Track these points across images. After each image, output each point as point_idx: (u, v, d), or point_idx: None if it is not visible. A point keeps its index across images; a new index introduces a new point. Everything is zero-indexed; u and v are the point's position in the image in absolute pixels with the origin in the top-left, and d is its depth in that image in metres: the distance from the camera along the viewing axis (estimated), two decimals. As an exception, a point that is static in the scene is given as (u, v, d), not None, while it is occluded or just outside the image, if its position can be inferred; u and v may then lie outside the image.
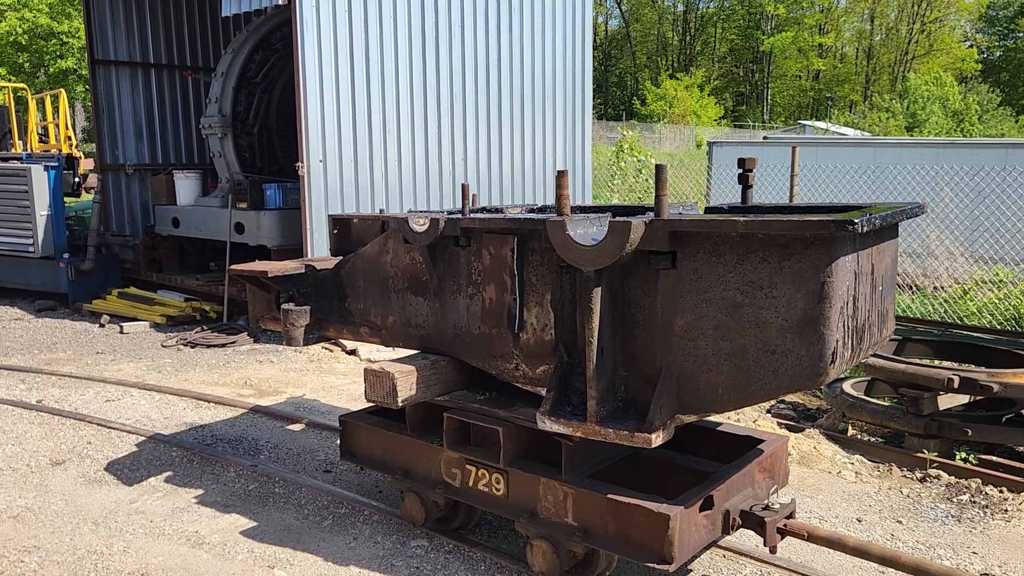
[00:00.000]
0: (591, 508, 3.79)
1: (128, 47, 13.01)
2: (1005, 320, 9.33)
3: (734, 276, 3.31)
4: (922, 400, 6.09)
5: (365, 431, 4.85)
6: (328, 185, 9.51)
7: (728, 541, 4.37)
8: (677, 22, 71.89)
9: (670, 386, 3.52)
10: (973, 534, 4.80)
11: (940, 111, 42.79)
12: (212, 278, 11.52)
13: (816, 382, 3.27)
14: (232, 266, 5.11)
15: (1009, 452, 6.37)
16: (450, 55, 10.53)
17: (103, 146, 12.98)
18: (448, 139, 10.66)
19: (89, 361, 8.90)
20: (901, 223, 3.87)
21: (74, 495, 5.29)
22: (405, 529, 4.69)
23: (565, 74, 12.00)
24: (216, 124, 11.15)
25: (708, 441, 4.48)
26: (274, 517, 4.95)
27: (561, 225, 3.52)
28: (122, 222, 13.24)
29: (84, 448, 6.12)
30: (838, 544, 3.80)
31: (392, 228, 4.50)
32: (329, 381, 8.03)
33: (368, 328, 4.72)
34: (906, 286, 11.17)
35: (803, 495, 5.28)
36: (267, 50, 11.40)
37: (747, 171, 4.18)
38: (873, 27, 66.64)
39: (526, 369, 4.03)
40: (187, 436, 6.38)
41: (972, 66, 60.52)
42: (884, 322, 3.83)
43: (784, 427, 6.59)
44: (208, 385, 7.89)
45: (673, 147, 42.61)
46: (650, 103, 53.48)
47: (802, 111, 66.52)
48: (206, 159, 12.77)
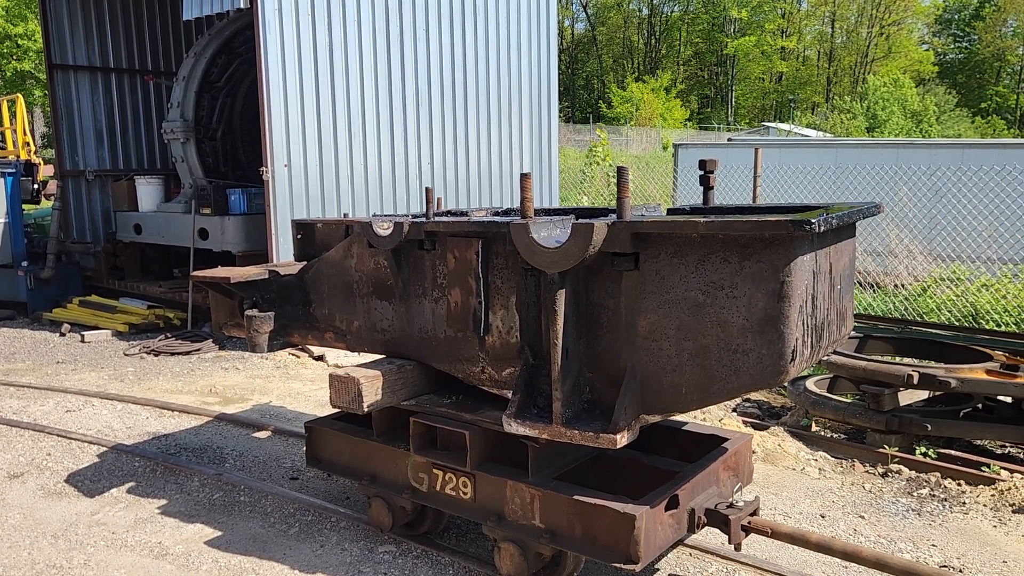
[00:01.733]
0: (558, 510, 3.81)
1: (87, 51, 12.80)
2: (963, 316, 9.53)
3: (696, 276, 3.35)
4: (883, 396, 6.20)
5: (331, 437, 4.82)
6: (293, 190, 9.43)
7: (694, 539, 4.41)
8: (642, 25, 72.43)
9: (634, 387, 3.54)
10: (933, 527, 4.90)
11: (899, 112, 43.62)
12: (176, 285, 11.36)
13: (777, 380, 3.32)
14: (194, 272, 5.05)
15: (967, 446, 6.51)
16: (415, 58, 10.51)
17: (63, 152, 12.75)
18: (414, 143, 10.64)
19: (49, 371, 8.73)
20: (861, 223, 3.94)
21: (32, 508, 5.18)
22: (372, 535, 4.67)
23: (531, 77, 12.04)
24: (178, 129, 11.02)
25: (673, 440, 4.52)
26: (240, 526, 4.89)
27: (525, 228, 3.53)
28: (83, 229, 13.02)
29: (43, 460, 6.00)
30: (801, 540, 3.85)
31: (356, 232, 4.48)
32: (296, 387, 7.96)
33: (333, 333, 4.69)
34: (867, 284, 11.36)
35: (768, 492, 5.35)
36: (230, 54, 11.30)
37: (708, 173, 4.22)
38: (834, 30, 67.76)
39: (492, 372, 4.03)
40: (150, 446, 6.28)
41: (929, 68, 61.85)
42: (843, 320, 3.90)
43: (749, 425, 6.67)
44: (172, 393, 7.78)
45: (640, 150, 42.88)
46: (616, 106, 53.81)
47: (766, 113, 67.40)
48: (168, 164, 12.61)
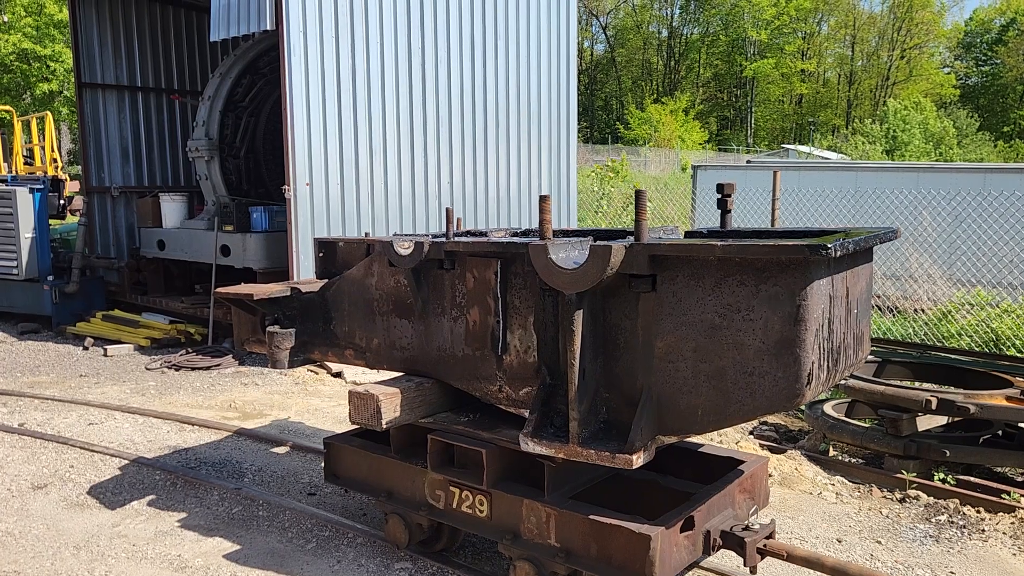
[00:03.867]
0: (573, 529, 3.83)
1: (115, 70, 13.09)
2: (983, 342, 9.46)
3: (712, 299, 3.38)
4: (901, 421, 6.16)
5: (349, 453, 4.87)
6: (314, 208, 9.56)
7: (709, 562, 4.41)
8: (661, 47, 72.76)
9: (651, 407, 3.57)
10: (951, 554, 4.86)
11: (920, 136, 43.44)
12: (197, 301, 11.50)
13: (793, 403, 3.33)
14: (218, 289, 5.14)
15: (987, 473, 6.44)
16: (436, 79, 10.65)
17: (89, 168, 13.00)
18: (434, 163, 10.76)
19: (72, 384, 8.86)
20: (879, 247, 3.96)
21: (56, 519, 5.26)
22: (389, 551, 4.70)
23: (551, 98, 12.15)
24: (203, 147, 11.20)
25: (689, 462, 4.53)
26: (258, 540, 4.94)
27: (543, 249, 3.58)
28: (107, 244, 13.24)
29: (66, 472, 6.10)
30: (817, 564, 3.84)
31: (377, 251, 4.55)
32: (314, 404, 8.03)
33: (353, 350, 4.75)
34: (887, 308, 11.31)
35: (784, 516, 5.33)
36: (254, 74, 11.50)
37: (725, 196, 4.27)
38: (854, 53, 67.72)
39: (509, 391, 4.07)
40: (171, 459, 6.36)
41: (950, 91, 61.58)
42: (860, 344, 3.91)
43: (766, 448, 6.65)
44: (192, 408, 7.87)
45: (658, 171, 42.95)
46: (634, 127, 53.98)
47: (785, 135, 67.30)
48: (192, 182, 12.82)
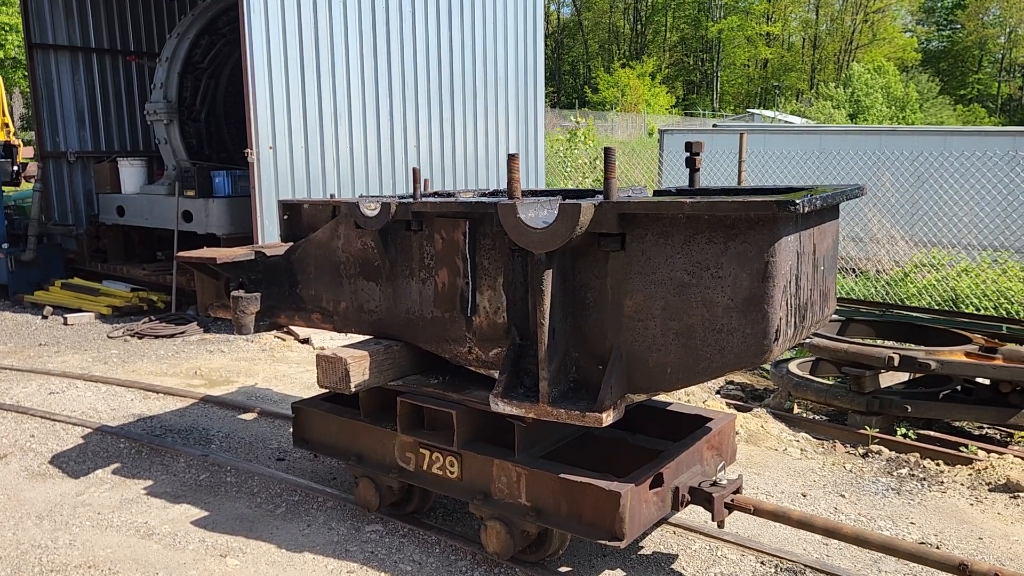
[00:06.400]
0: (544, 488, 3.85)
1: (68, 31, 12.63)
2: (943, 300, 9.65)
3: (681, 257, 3.38)
4: (864, 378, 6.28)
5: (318, 417, 4.83)
6: (278, 172, 9.38)
7: (678, 518, 4.47)
8: (628, 11, 72.26)
9: (620, 366, 3.58)
10: (912, 505, 4.99)
11: (883, 99, 43.82)
12: (159, 268, 11.29)
13: (761, 359, 3.36)
14: (180, 253, 5.03)
15: (946, 427, 6.62)
16: (401, 41, 10.45)
17: (43, 133, 12.60)
18: (400, 125, 10.60)
19: (31, 353, 8.67)
20: (844, 209, 3.99)
21: (16, 489, 5.17)
22: (359, 515, 4.69)
23: (517, 61, 12.01)
24: (161, 110, 10.91)
25: (658, 420, 4.57)
26: (226, 506, 4.90)
27: (512, 208, 3.54)
28: (65, 211, 12.89)
29: (27, 441, 5.98)
30: (783, 517, 3.91)
31: (343, 213, 4.48)
32: (281, 370, 7.96)
33: (320, 314, 4.69)
34: (849, 270, 11.47)
35: (751, 472, 5.41)
36: (213, 35, 11.18)
37: (694, 155, 4.25)
38: (819, 17, 67.86)
39: (479, 352, 4.05)
40: (135, 427, 6.27)
41: (912, 55, 62.08)
42: (826, 301, 3.95)
43: (733, 407, 6.74)
44: (157, 376, 7.76)
45: (625, 135, 42.90)
46: (602, 91, 53.74)
47: (751, 100, 67.49)
48: (151, 146, 12.50)
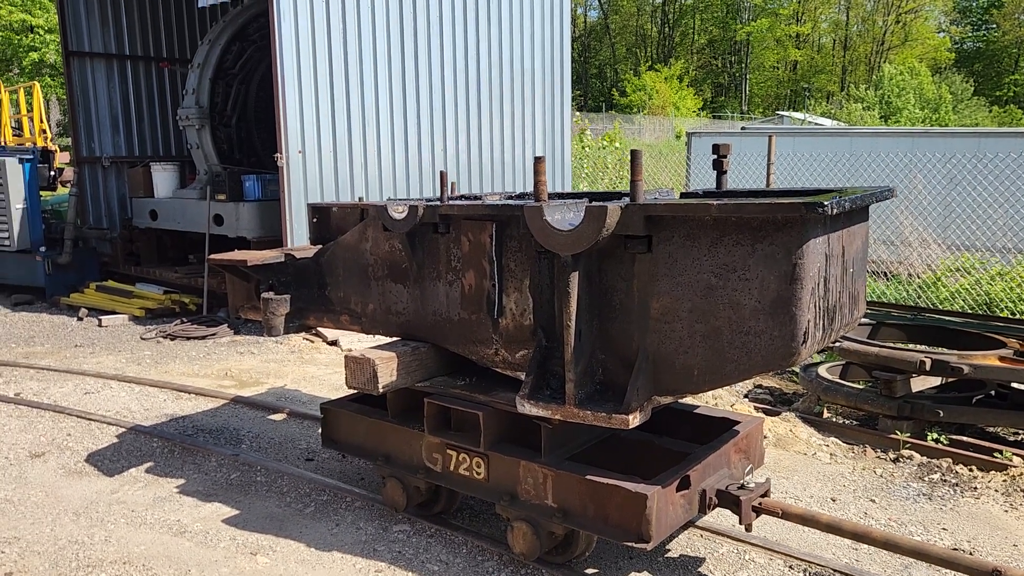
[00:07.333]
0: (570, 489, 3.85)
1: (103, 39, 12.89)
2: (977, 305, 9.50)
3: (708, 259, 3.37)
4: (895, 383, 6.20)
5: (346, 418, 4.88)
6: (307, 176, 9.49)
7: (705, 521, 4.45)
8: (656, 14, 72.01)
9: (647, 368, 3.58)
10: (943, 511, 4.92)
11: (915, 101, 43.20)
12: (191, 270, 11.46)
13: (789, 362, 3.34)
14: (212, 256, 5.11)
15: (979, 432, 6.51)
16: (429, 45, 10.52)
17: (79, 139, 12.86)
18: (428, 129, 10.67)
19: (68, 354, 8.85)
20: (874, 212, 3.95)
21: (54, 486, 5.28)
22: (387, 514, 4.73)
23: (544, 65, 12.04)
24: (193, 115, 11.09)
25: (685, 423, 4.56)
26: (256, 505, 4.97)
27: (539, 211, 3.56)
28: (99, 215, 13.14)
29: (64, 440, 6.11)
30: (812, 521, 3.88)
31: (371, 216, 4.53)
32: (310, 371, 8.04)
33: (348, 316, 4.75)
34: (880, 273, 11.33)
35: (779, 476, 5.38)
36: (244, 41, 11.35)
37: (721, 157, 4.24)
38: (849, 18, 67.10)
39: (505, 354, 4.07)
40: (168, 427, 6.38)
41: (945, 56, 61.12)
42: (855, 304, 3.92)
43: (761, 411, 6.69)
44: (188, 377, 7.88)
45: (653, 138, 42.72)
46: (630, 94, 53.57)
47: (780, 102, 66.86)
48: (184, 151, 12.69)
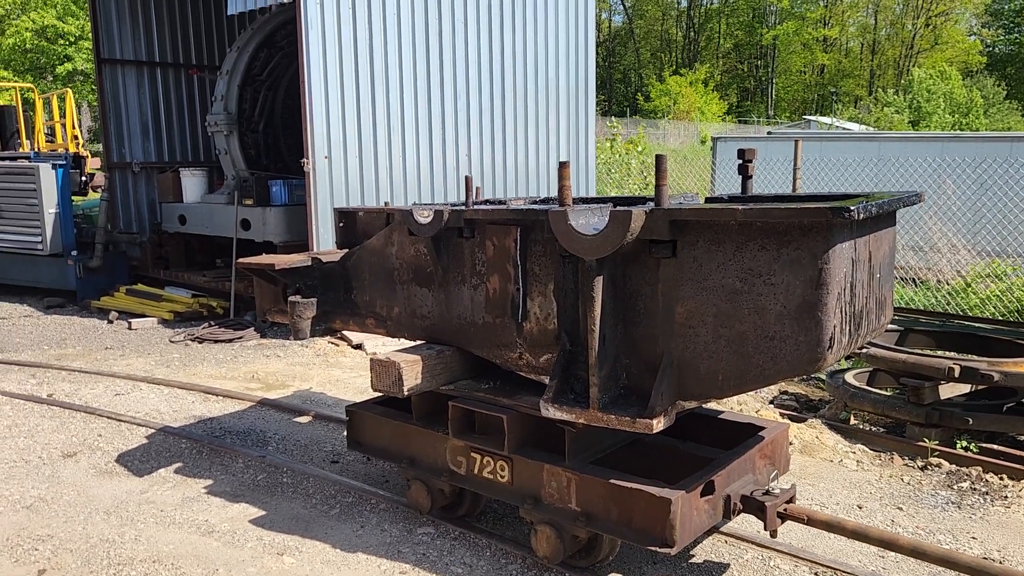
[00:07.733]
0: (594, 493, 3.86)
1: (134, 46, 13.12)
2: (1008, 312, 9.35)
3: (733, 264, 3.37)
4: (923, 389, 6.14)
5: (372, 421, 4.92)
6: (333, 181, 9.58)
7: (730, 527, 4.43)
8: (680, 18, 71.78)
9: (671, 373, 3.58)
10: (973, 520, 4.85)
11: (945, 105, 42.60)
12: (219, 274, 11.61)
13: (814, 367, 3.33)
14: (240, 259, 5.18)
15: (1010, 440, 6.41)
16: (454, 51, 10.59)
17: (110, 145, 13.09)
18: (452, 134, 10.73)
19: (98, 356, 9.00)
20: (903, 217, 3.92)
21: (86, 486, 5.38)
22: (412, 517, 4.76)
23: (568, 70, 12.06)
24: (222, 122, 11.24)
25: (710, 428, 4.54)
26: (283, 506, 5.03)
27: (563, 215, 3.58)
28: (129, 220, 13.37)
29: (95, 440, 6.21)
30: (837, 527, 3.85)
31: (397, 220, 4.57)
32: (335, 375, 8.11)
33: (374, 319, 4.79)
34: (908, 279, 11.19)
35: (805, 483, 5.34)
36: (272, 48, 11.48)
37: (747, 162, 4.23)
38: (877, 22, 66.40)
39: (530, 358, 4.09)
40: (196, 428, 6.47)
41: (976, 59, 60.23)
42: (882, 309, 3.89)
43: (787, 417, 6.64)
44: (216, 379, 7.98)
45: (678, 143, 42.54)
46: (654, 98, 53.41)
47: (807, 106, 66.26)
48: (212, 157, 12.87)
